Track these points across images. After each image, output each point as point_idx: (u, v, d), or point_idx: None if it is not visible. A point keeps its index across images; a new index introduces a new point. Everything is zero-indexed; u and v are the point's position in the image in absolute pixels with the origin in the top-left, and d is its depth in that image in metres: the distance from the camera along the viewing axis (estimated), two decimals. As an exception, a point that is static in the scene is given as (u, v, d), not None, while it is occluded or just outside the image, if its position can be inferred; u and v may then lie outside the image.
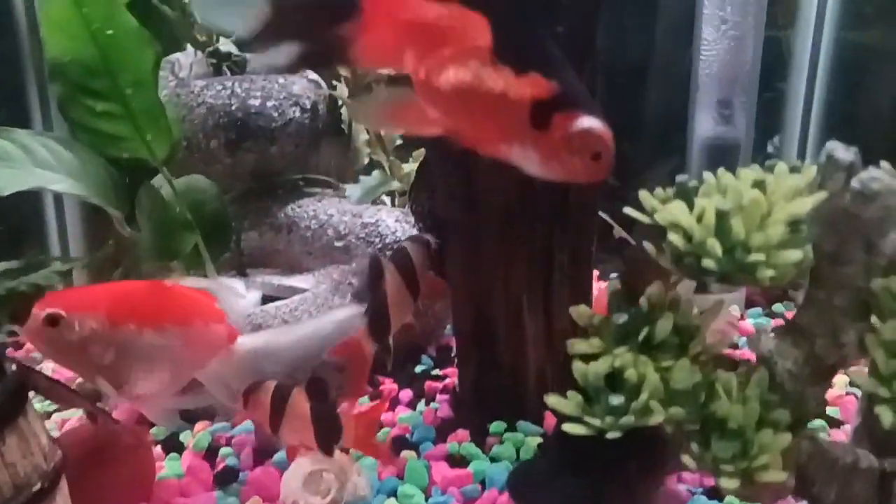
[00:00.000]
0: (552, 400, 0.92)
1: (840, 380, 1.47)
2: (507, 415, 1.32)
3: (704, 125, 1.93)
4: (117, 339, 1.01)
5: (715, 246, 0.80)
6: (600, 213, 1.50)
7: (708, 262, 0.79)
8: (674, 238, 0.82)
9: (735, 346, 1.69)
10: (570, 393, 0.91)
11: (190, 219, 1.26)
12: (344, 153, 1.68)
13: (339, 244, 1.49)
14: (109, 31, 1.10)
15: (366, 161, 1.73)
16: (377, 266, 1.14)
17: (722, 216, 0.81)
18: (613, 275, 1.97)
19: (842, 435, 1.32)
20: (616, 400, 0.89)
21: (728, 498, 1.12)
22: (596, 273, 1.98)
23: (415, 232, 1.52)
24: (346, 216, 1.51)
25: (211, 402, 1.17)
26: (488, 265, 1.34)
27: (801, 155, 2.11)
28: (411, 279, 1.16)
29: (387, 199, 1.75)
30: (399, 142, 1.74)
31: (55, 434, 1.19)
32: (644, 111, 2.05)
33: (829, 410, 1.41)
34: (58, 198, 1.77)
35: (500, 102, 0.76)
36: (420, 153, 1.61)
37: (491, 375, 1.34)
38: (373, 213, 1.53)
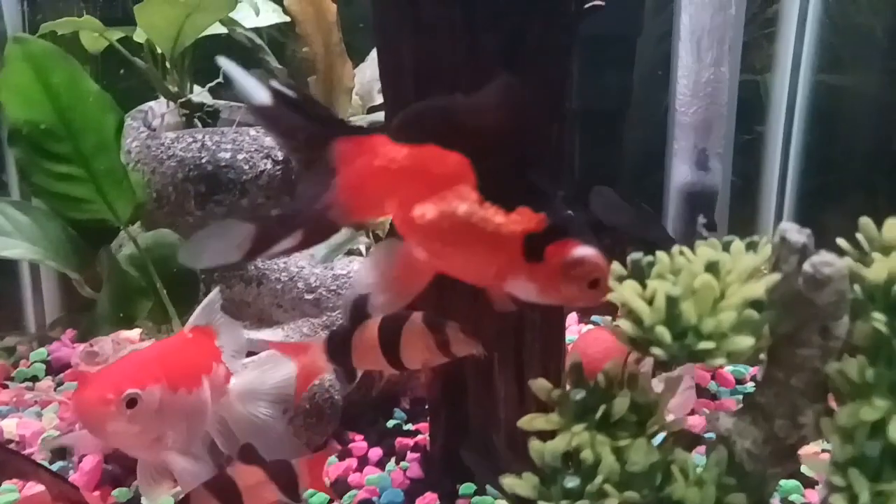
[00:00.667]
0: (508, 482, 0.90)
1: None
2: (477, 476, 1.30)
3: (681, 172, 1.93)
4: (183, 406, 1.03)
5: (664, 334, 0.79)
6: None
7: (656, 350, 0.78)
8: (623, 323, 0.81)
9: (714, 397, 1.68)
10: (525, 474, 0.90)
11: (146, 283, 1.25)
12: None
13: (309, 297, 1.48)
14: (71, 96, 1.10)
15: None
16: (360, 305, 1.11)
17: (672, 301, 0.80)
18: (597, 318, 1.96)
19: (815, 496, 1.30)
20: (571, 482, 0.87)
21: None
22: (576, 316, 1.97)
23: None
24: (317, 268, 1.50)
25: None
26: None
27: (780, 198, 2.11)
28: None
29: (362, 248, 1.74)
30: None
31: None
32: (621, 158, 2.05)
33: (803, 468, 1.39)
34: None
35: (492, 240, 0.77)
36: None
37: (461, 436, 1.33)
38: (345, 265, 1.52)
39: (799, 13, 2.02)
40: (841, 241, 0.91)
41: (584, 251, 0.76)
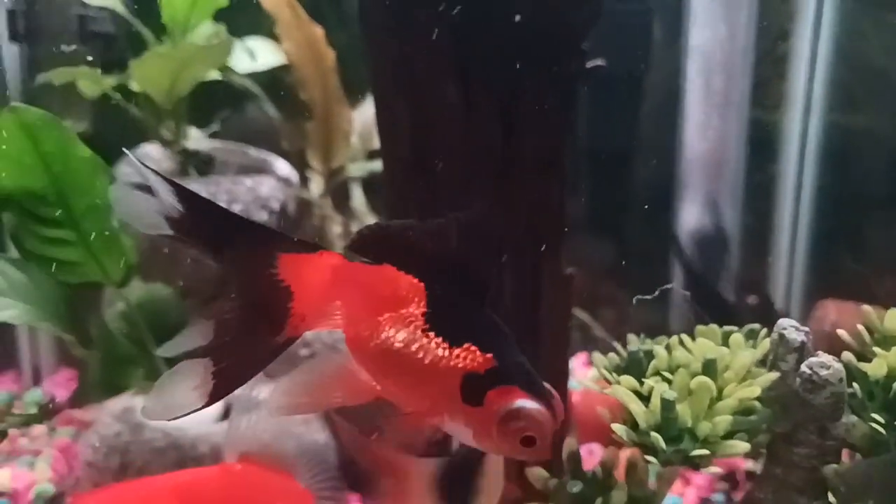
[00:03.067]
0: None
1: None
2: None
3: (690, 215, 1.91)
4: None
5: (659, 441, 0.77)
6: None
7: (650, 457, 0.77)
8: (618, 427, 0.79)
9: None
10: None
11: (135, 353, 1.24)
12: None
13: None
14: (63, 162, 1.09)
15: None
16: None
17: (668, 406, 0.78)
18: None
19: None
20: (564, 578, 0.86)
21: None
22: (583, 359, 1.94)
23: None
24: (313, 321, 1.49)
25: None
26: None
27: (793, 238, 2.08)
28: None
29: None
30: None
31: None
32: (631, 203, 2.03)
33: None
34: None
35: (431, 373, 0.71)
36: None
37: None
38: (340, 317, 1.50)
39: (810, 52, 2.00)
40: (841, 333, 0.90)
41: (527, 404, 0.67)
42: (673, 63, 1.93)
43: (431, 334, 0.71)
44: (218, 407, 1.44)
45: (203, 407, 0.68)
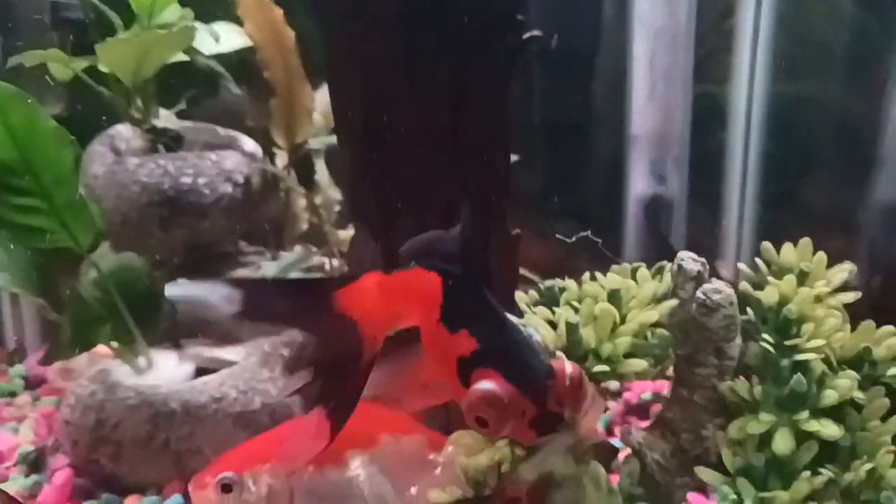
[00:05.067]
0: (434, 494, 0.97)
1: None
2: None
3: (639, 184, 1.99)
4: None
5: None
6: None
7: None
8: (528, 349, 0.87)
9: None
10: (448, 487, 0.96)
11: (105, 311, 1.31)
12: (282, 220, 1.74)
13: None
14: (29, 134, 1.16)
15: (304, 227, 1.78)
16: None
17: (572, 328, 0.86)
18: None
19: None
20: (490, 491, 0.94)
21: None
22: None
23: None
24: (278, 287, 1.56)
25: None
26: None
27: (741, 203, 2.17)
28: None
29: (326, 263, 1.80)
30: (338, 208, 1.80)
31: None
32: (582, 171, 2.11)
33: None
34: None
35: (443, 358, 0.79)
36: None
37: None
38: (305, 283, 1.58)
39: (753, 25, 2.08)
40: (741, 265, 0.98)
41: (485, 385, 0.72)
42: (620, 36, 2.01)
43: (440, 324, 0.78)
44: (189, 367, 1.52)
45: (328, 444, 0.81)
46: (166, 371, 1.48)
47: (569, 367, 0.74)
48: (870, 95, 2.01)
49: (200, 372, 1.49)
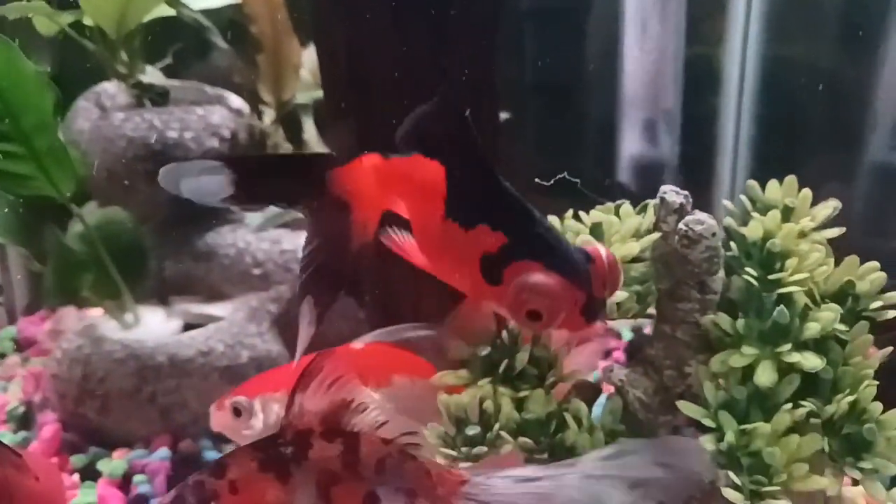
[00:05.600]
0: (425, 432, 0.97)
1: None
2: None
3: (631, 144, 1.98)
4: None
5: (543, 290, 0.84)
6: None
7: (536, 305, 0.84)
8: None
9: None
10: (430, 425, 0.96)
11: (87, 258, 1.31)
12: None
13: (257, 271, 1.54)
14: (9, 78, 1.15)
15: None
16: None
17: (553, 260, 0.85)
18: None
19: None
20: (472, 430, 0.93)
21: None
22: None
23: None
24: (265, 243, 1.56)
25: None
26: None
27: (734, 164, 2.16)
28: None
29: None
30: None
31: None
32: (575, 131, 2.10)
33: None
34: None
35: (456, 259, 0.74)
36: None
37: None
38: (292, 240, 1.57)
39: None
40: (725, 202, 0.97)
41: (534, 278, 0.67)
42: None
43: (449, 220, 0.73)
44: (177, 323, 1.52)
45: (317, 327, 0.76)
46: (153, 326, 1.48)
47: (602, 249, 0.72)
48: (862, 58, 1.99)
49: (188, 328, 1.49)
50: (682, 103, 2.00)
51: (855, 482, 1.18)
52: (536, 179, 1.01)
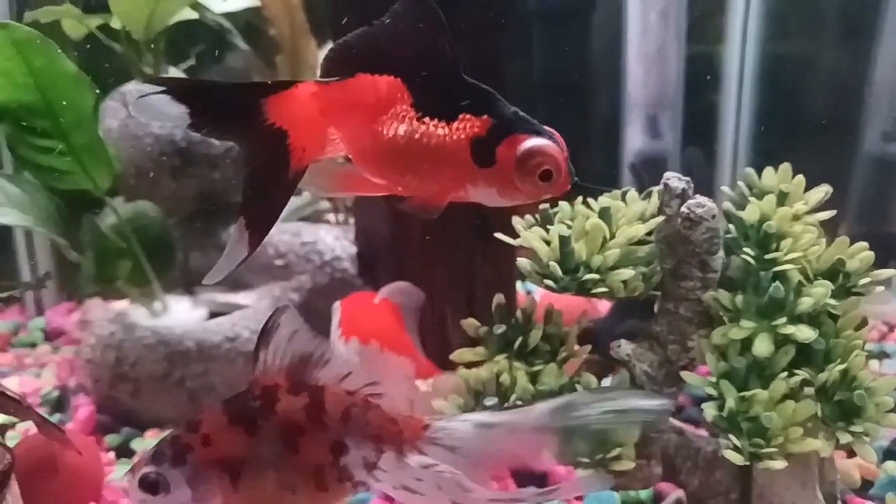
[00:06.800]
0: (438, 403, 1.04)
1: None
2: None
3: (635, 139, 2.05)
4: None
5: (555, 268, 0.91)
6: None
7: (549, 282, 0.91)
8: (522, 261, 0.93)
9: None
10: (451, 396, 1.03)
11: (125, 246, 1.38)
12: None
13: (279, 262, 1.61)
14: (51, 77, 1.22)
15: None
16: None
17: (564, 241, 0.92)
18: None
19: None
20: (490, 401, 1.00)
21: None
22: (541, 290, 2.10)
23: (352, 249, 1.64)
24: (286, 235, 1.63)
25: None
26: (414, 280, 1.45)
27: (734, 159, 2.23)
28: None
29: (332, 218, 1.87)
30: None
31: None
32: (582, 127, 2.17)
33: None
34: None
35: (440, 154, 0.76)
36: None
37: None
38: (312, 232, 1.64)
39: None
40: (724, 188, 1.04)
41: (534, 142, 0.74)
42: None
43: (426, 119, 0.76)
44: (202, 311, 1.59)
45: (249, 254, 0.78)
46: (181, 314, 1.55)
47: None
48: (859, 54, 2.06)
49: (213, 316, 1.56)
50: (685, 98, 2.07)
51: (850, 454, 1.26)
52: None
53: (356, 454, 0.69)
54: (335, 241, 1.63)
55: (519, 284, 1.73)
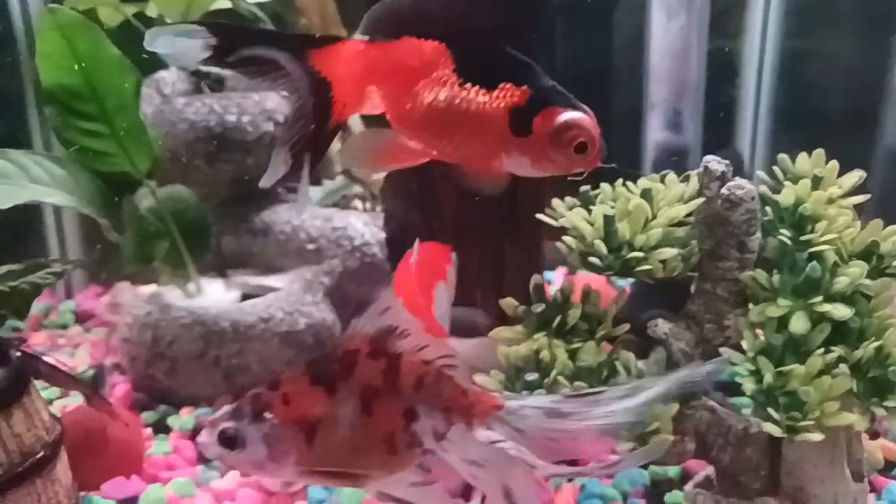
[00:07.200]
0: (479, 378, 1.07)
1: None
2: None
3: (656, 131, 2.08)
4: None
5: (601, 246, 0.94)
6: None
7: (594, 260, 0.94)
8: (569, 240, 0.96)
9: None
10: (492, 371, 1.06)
11: (163, 228, 1.41)
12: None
13: (310, 247, 1.64)
14: (95, 61, 1.25)
15: (338, 169, 1.87)
16: None
17: (609, 220, 0.95)
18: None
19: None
20: (531, 377, 1.03)
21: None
22: (564, 270, 2.13)
23: (381, 234, 1.67)
24: (318, 220, 1.66)
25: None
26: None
27: (752, 151, 2.26)
28: None
29: (359, 205, 1.89)
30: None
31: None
32: (602, 118, 2.20)
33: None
34: (56, 208, 1.93)
35: (478, 120, 0.79)
36: (386, 161, 1.76)
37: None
38: (342, 218, 1.67)
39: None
40: (759, 172, 1.07)
41: (571, 115, 0.77)
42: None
43: (468, 86, 0.79)
44: (235, 293, 1.62)
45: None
46: (214, 296, 1.59)
47: None
48: (878, 50, 2.09)
49: (245, 298, 1.59)
50: (706, 93, 2.10)
51: (873, 435, 1.29)
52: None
53: (426, 422, 0.72)
54: (364, 226, 1.66)
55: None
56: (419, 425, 0.71)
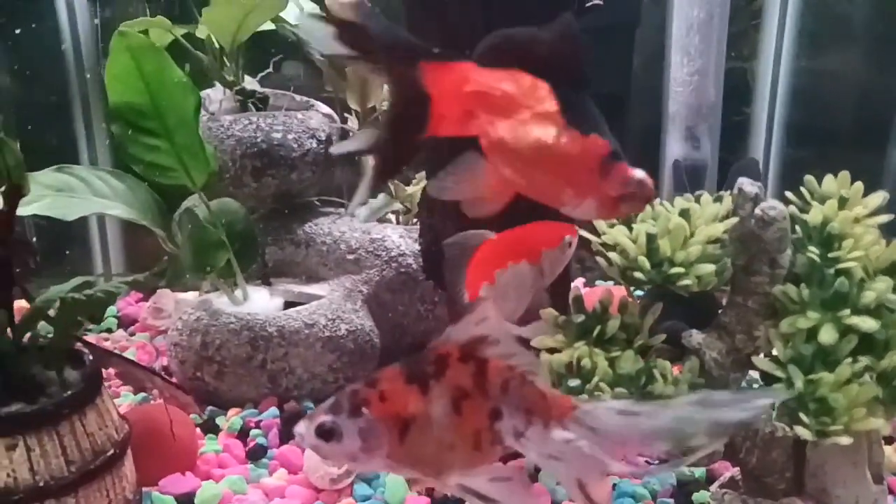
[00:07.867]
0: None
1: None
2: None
3: (675, 149, 2.16)
4: None
5: (644, 262, 1.02)
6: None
7: (638, 275, 1.02)
8: (614, 256, 1.04)
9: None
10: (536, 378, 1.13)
11: (223, 238, 1.49)
12: (355, 177, 1.91)
13: (350, 257, 1.71)
14: (159, 81, 1.34)
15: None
16: None
17: (651, 238, 1.03)
18: (599, 282, 2.19)
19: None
20: (573, 382, 1.11)
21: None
22: (582, 281, 2.20)
23: (415, 246, 1.74)
24: (357, 233, 1.74)
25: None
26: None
27: (766, 168, 2.34)
28: None
29: (392, 218, 1.97)
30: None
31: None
32: (623, 136, 2.28)
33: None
34: (100, 219, 2.01)
35: (577, 163, 0.82)
36: (421, 176, 1.84)
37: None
38: (380, 230, 1.75)
39: (781, 5, 2.24)
40: (788, 193, 1.14)
41: (642, 174, 0.83)
42: (660, 17, 2.18)
43: (571, 128, 0.82)
44: (279, 300, 1.70)
45: (374, 187, 0.86)
46: (260, 303, 1.66)
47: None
48: (891, 70, 2.17)
49: (288, 305, 1.67)
50: (723, 111, 2.18)
51: (889, 440, 1.36)
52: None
53: (508, 422, 0.77)
54: (400, 238, 1.74)
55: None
56: (502, 424, 0.77)
